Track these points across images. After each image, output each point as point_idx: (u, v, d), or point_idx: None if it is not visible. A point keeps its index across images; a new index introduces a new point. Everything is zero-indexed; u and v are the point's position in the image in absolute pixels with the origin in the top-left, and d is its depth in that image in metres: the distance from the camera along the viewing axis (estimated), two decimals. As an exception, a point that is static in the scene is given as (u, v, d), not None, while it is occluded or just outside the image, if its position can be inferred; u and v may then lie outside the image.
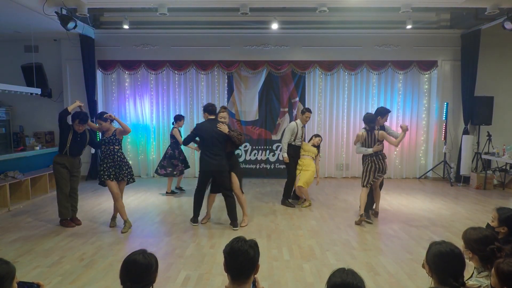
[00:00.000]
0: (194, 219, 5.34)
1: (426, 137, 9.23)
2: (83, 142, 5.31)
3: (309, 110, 6.54)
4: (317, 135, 6.75)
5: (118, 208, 5.12)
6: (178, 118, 7.29)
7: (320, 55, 8.91)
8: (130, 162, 9.00)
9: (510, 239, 2.67)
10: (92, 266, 3.90)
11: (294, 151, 6.43)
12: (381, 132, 5.37)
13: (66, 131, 5.18)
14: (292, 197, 6.65)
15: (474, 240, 2.28)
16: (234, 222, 5.17)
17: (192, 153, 8.85)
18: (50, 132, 8.74)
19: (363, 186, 5.41)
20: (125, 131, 5.15)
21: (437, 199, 7.07)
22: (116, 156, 5.07)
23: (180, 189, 7.51)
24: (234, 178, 5.26)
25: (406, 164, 9.23)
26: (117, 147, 5.11)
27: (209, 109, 5.17)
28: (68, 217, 5.29)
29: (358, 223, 5.34)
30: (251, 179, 8.97)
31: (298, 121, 6.48)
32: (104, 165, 5.04)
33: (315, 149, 6.51)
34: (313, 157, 6.49)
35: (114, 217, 5.32)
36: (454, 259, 2.04)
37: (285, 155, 6.34)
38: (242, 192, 5.38)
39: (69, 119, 5.25)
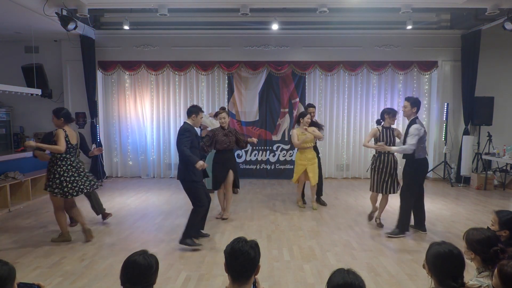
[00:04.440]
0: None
1: (426, 138, 9.20)
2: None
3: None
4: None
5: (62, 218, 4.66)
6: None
7: (321, 55, 8.91)
8: (130, 163, 9.28)
9: None
10: (93, 267, 3.90)
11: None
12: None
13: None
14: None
15: (477, 241, 2.27)
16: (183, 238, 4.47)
17: None
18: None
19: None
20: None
21: (438, 199, 7.06)
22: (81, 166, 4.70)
23: None
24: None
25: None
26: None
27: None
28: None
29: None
30: (251, 179, 8.98)
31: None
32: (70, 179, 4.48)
33: (310, 136, 5.89)
34: (311, 145, 6.04)
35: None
36: (453, 260, 2.03)
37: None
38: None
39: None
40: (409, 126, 4.86)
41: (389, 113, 5.07)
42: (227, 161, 5.57)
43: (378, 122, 5.23)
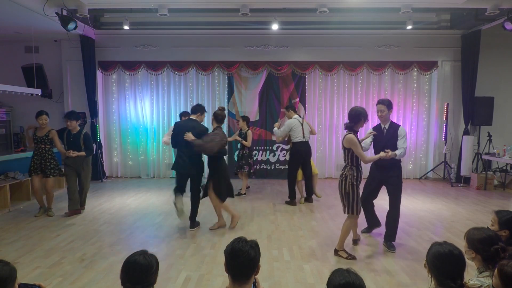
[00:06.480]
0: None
1: (426, 138, 9.23)
2: (75, 142, 5.79)
3: (292, 108, 6.84)
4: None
5: (37, 197, 5.86)
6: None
7: (320, 55, 8.91)
8: (130, 163, 9.27)
9: None
10: (93, 267, 3.90)
11: (297, 149, 6.47)
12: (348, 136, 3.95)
13: (62, 133, 5.91)
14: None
15: (478, 240, 2.27)
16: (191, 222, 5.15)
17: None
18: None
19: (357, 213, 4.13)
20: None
21: (438, 199, 7.06)
22: (46, 154, 5.79)
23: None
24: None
25: (406, 165, 9.22)
26: (48, 146, 5.79)
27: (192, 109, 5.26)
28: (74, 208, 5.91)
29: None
30: (251, 179, 8.95)
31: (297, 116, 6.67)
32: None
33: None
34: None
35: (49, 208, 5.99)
36: (453, 260, 2.03)
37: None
38: (222, 200, 5.05)
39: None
40: (391, 129, 4.34)
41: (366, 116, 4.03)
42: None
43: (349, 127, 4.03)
